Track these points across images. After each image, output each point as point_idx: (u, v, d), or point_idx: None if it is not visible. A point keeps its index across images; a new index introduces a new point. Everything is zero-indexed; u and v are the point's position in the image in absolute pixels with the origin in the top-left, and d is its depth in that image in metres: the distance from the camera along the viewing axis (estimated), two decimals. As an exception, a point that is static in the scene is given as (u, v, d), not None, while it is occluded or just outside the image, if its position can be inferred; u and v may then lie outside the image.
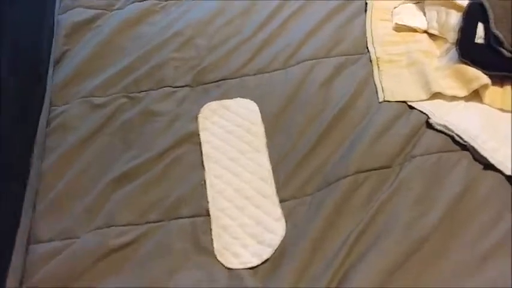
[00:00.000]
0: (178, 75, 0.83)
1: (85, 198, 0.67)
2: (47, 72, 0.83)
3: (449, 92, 0.74)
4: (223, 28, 0.91)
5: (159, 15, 0.94)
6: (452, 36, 0.80)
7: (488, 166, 0.67)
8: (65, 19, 0.93)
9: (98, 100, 0.80)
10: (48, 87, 0.82)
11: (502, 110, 0.73)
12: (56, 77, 0.85)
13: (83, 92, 0.82)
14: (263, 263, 0.59)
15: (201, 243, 0.62)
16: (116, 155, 0.72)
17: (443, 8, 0.84)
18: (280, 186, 0.67)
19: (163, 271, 0.59)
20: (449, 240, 0.59)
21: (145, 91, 0.81)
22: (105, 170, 0.70)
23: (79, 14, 0.93)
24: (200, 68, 0.84)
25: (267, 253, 0.59)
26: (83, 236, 0.62)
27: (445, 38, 0.84)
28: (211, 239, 0.62)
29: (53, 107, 0.80)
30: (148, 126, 0.76)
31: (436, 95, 0.75)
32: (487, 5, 0.75)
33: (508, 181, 0.64)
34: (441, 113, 0.73)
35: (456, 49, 0.77)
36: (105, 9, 0.96)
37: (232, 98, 0.79)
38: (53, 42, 0.89)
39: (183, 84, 0.82)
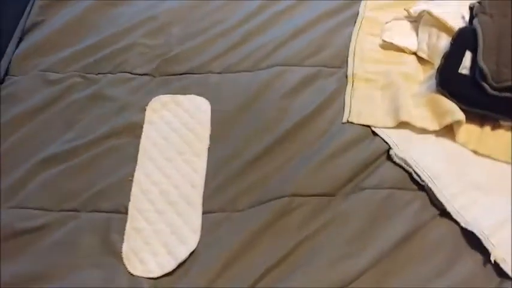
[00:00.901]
0: (141, 62, 0.79)
1: (11, 173, 0.65)
2: (8, 40, 0.82)
3: (419, 123, 0.66)
4: (203, 18, 0.86)
5: (140, -4, 0.91)
6: (439, 61, 0.72)
7: (443, 213, 0.59)
8: (44, -11, 0.92)
9: (53, 76, 0.77)
10: (7, 56, 0.80)
11: (475, 152, 0.64)
12: (21, 47, 0.83)
13: (42, 65, 0.79)
14: (164, 275, 0.54)
15: (110, 242, 0.58)
16: (53, 135, 0.69)
17: (435, 30, 0.76)
18: (210, 196, 0.62)
19: (64, 263, 0.56)
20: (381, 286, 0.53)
21: (103, 73, 0.78)
22: (40, 148, 0.68)
23: (58, -14, 0.92)
24: (166, 57, 0.80)
25: (170, 265, 0.55)
26: (-5, 213, 0.60)
27: (433, 63, 0.76)
28: (122, 240, 0.58)
29: (8, 76, 0.78)
30: (94, 110, 0.72)
31: (404, 125, 0.67)
32: (479, 32, 0.67)
33: (462, 232, 0.57)
34: (405, 146, 0.65)
35: (435, 76, 0.69)
36: (89, -15, 0.94)
37: (189, 94, 0.74)
38: (26, 11, 0.88)
39: (143, 73, 0.78)
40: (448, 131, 0.66)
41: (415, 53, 0.79)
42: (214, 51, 0.80)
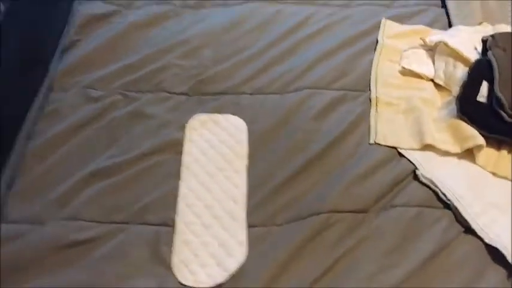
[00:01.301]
0: (177, 82, 0.84)
1: (59, 187, 0.68)
2: (51, 57, 0.85)
3: (442, 146, 0.72)
4: (233, 41, 0.92)
5: (173, 21, 0.96)
6: (456, 90, 0.79)
7: (468, 230, 0.64)
8: (82, 10, 0.96)
9: (94, 93, 0.81)
10: (50, 73, 0.84)
11: (494, 174, 0.70)
12: (61, 64, 0.86)
13: (83, 82, 0.83)
14: (216, 286, 0.58)
15: (160, 253, 0.61)
16: (98, 150, 0.72)
17: (451, 59, 0.83)
18: (251, 211, 0.66)
19: (115, 274, 0.58)
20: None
21: (142, 92, 0.82)
22: (85, 163, 0.71)
23: (97, 7, 0.96)
24: (200, 78, 0.85)
25: (222, 277, 0.58)
26: (47, 225, 0.63)
27: (449, 90, 0.82)
28: (171, 251, 0.61)
29: (51, 93, 0.82)
30: (136, 127, 0.76)
31: (428, 147, 0.73)
32: (494, 64, 0.74)
33: (486, 249, 0.62)
34: (430, 166, 0.71)
35: (456, 103, 0.75)
36: (123, 7, 0.98)
37: (224, 113, 0.79)
38: (65, 30, 0.92)
39: (180, 92, 0.83)
40: (468, 153, 0.72)
41: (431, 80, 0.86)
42: (244, 74, 0.86)
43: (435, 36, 0.88)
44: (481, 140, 0.70)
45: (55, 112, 0.78)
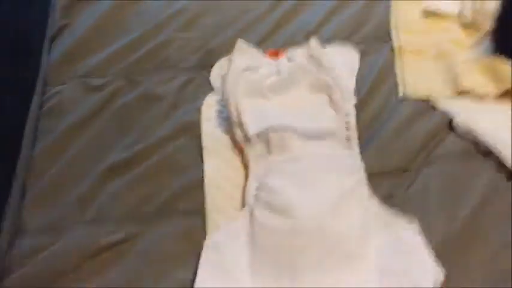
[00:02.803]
0: (182, 56, 0.77)
1: (77, 188, 0.63)
2: (40, 48, 0.78)
3: (479, 89, 0.67)
4: (233, 5, 0.83)
5: (164, -12, 0.87)
6: (488, 24, 0.72)
7: (513, 176, 0.61)
8: (63, -11, 0.87)
9: (95, 81, 0.75)
10: (42, 65, 0.77)
11: (535, 114, 0.66)
12: (52, 55, 0.79)
13: (80, 71, 0.76)
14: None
15: (195, 241, 0.57)
16: (110, 142, 0.67)
17: (479, -9, 0.75)
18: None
19: (155, 270, 0.56)
20: (469, 250, 0.54)
21: (146, 73, 0.75)
22: (99, 158, 0.66)
23: (78, -15, 0.87)
24: (207, 49, 0.78)
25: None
26: (71, 231, 0.59)
27: (478, 26, 0.75)
28: (205, 238, 0.58)
29: (47, 87, 0.75)
30: (147, 113, 0.71)
31: (463, 93, 0.68)
32: (532, -9, 0.67)
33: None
34: (467, 114, 0.65)
35: (491, 39, 0.69)
36: (107, -20, 0.89)
37: (238, 85, 0.73)
38: (50, 14, 0.83)
39: (188, 67, 0.76)
40: (506, 95, 0.67)
41: (456, 17, 0.79)
42: (254, 38, 0.78)
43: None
44: (521, 79, 0.65)
45: (57, 108, 0.72)
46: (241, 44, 0.65)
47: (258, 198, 0.57)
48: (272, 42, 0.77)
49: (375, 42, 0.76)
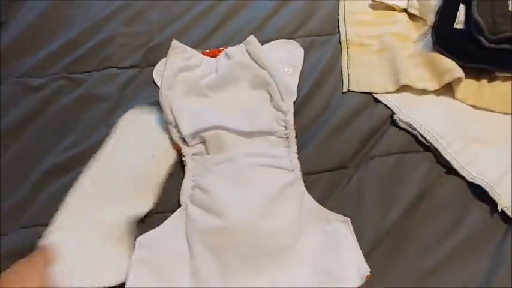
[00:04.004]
0: (124, 53, 0.75)
1: (14, 191, 0.62)
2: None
3: (419, 84, 0.67)
4: (178, 1, 0.81)
5: (109, -19, 0.84)
6: (432, 18, 0.71)
7: (450, 170, 0.62)
8: (1, -16, 0.83)
9: (34, 81, 0.72)
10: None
11: (474, 107, 0.66)
12: (-11, 54, 0.77)
13: (19, 71, 0.74)
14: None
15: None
16: (50, 145, 0.66)
17: (424, -17, 0.74)
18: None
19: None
20: (400, 247, 0.56)
21: (87, 72, 0.73)
22: (38, 161, 0.65)
23: (16, -22, 0.83)
24: (150, 45, 0.76)
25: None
26: (7, 236, 0.59)
27: (425, 20, 0.75)
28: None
29: (-16, 88, 0.73)
30: (88, 113, 0.69)
31: (405, 88, 0.68)
32: (471, -17, 0.66)
33: (469, 187, 0.60)
34: (408, 109, 0.66)
35: (432, 34, 0.68)
36: (49, -28, 0.85)
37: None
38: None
39: (130, 65, 0.74)
40: (447, 88, 0.67)
41: (405, 10, 0.78)
42: (199, 33, 0.77)
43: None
44: (459, 73, 0.64)
45: (-7, 110, 0.70)
46: (176, 44, 0.64)
47: (193, 197, 0.57)
48: (215, 39, 0.75)
49: (322, 36, 0.75)
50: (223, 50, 0.68)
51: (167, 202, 0.60)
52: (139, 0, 0.82)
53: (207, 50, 0.71)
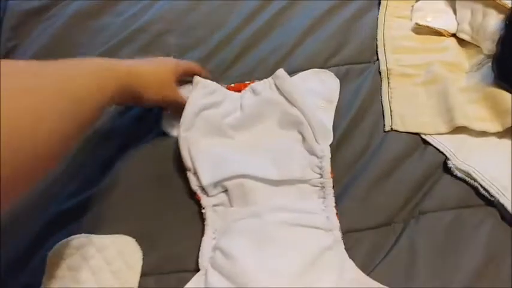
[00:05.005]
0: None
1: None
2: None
3: (477, 125, 0.57)
4: (199, 22, 0.74)
5: (123, 4, 0.78)
6: (489, 46, 0.62)
7: (520, 229, 0.52)
8: (12, 7, 0.78)
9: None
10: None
11: (546, 152, 0.56)
12: None
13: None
14: None
15: None
16: (56, 191, 0.59)
17: (480, 5, 0.64)
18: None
19: None
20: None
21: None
22: (43, 208, 0.57)
23: (28, 2, 0.78)
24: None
25: None
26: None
27: (479, 47, 0.65)
28: None
29: None
30: (99, 151, 0.62)
31: (460, 128, 0.58)
32: (541, 8, 0.56)
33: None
34: (464, 154, 0.56)
35: (492, 66, 0.59)
36: (60, -5, 0.80)
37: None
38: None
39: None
40: (509, 130, 0.57)
41: (454, 35, 0.69)
42: (218, 63, 0.69)
43: (454, -25, 0.69)
44: (528, 114, 0.55)
45: None
46: (197, 79, 0.57)
47: (213, 260, 0.49)
48: (238, 68, 0.67)
49: (359, 64, 0.67)
50: (249, 84, 0.61)
51: (184, 259, 0.52)
52: (156, 24, 0.76)
53: (232, 85, 0.63)
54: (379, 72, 0.66)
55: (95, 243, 0.50)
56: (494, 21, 0.61)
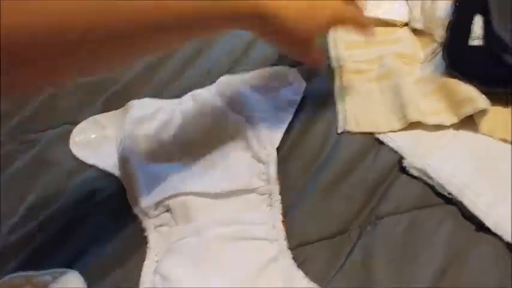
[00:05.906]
0: (82, 104, 0.66)
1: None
2: None
3: (432, 119, 0.53)
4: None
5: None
6: (440, 33, 0.59)
7: (481, 227, 0.48)
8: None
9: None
10: None
11: (504, 140, 0.52)
12: None
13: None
14: None
15: None
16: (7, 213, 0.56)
17: (428, -10, 0.61)
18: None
19: None
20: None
21: (42, 131, 0.64)
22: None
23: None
24: (112, 91, 0.66)
25: None
26: None
27: (432, 35, 0.62)
28: None
29: None
30: (42, 180, 0.60)
31: (415, 124, 0.54)
32: (488, -11, 0.53)
33: (508, 248, 0.47)
34: (420, 151, 0.53)
35: (443, 55, 0.56)
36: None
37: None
38: None
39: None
40: (467, 120, 0.54)
41: (407, 24, 0.66)
42: (166, 73, 0.66)
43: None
44: (484, 102, 0.51)
45: None
46: (132, 103, 0.54)
47: (154, 285, 0.46)
48: (187, 77, 0.64)
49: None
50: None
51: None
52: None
53: None
54: (332, 70, 0.63)
55: (34, 283, 0.47)
56: (443, 4, 0.58)
